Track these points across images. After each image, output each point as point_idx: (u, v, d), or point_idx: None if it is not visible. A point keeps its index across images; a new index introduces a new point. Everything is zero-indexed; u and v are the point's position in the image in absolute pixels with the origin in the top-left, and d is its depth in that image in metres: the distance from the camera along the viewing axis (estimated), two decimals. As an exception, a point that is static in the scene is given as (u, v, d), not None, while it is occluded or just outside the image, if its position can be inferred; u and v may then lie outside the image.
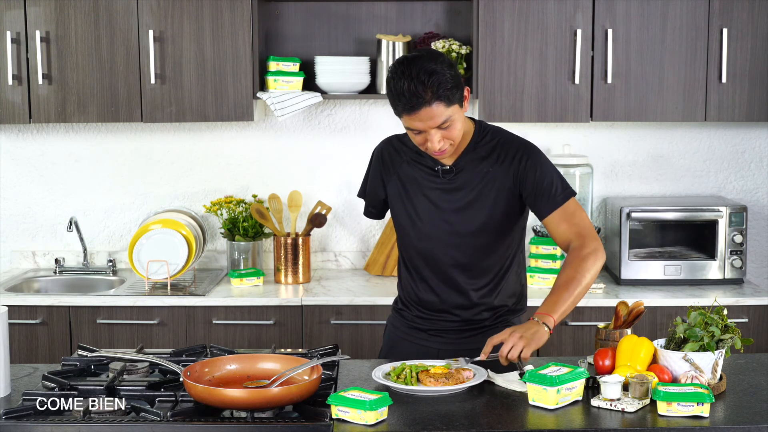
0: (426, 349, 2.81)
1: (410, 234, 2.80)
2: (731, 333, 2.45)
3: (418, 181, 2.77)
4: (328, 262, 4.39)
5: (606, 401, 2.32)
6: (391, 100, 2.58)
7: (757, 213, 4.34)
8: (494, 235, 2.75)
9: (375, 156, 2.90)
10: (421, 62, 2.54)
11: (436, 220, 2.75)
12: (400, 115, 2.58)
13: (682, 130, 4.32)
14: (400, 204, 2.81)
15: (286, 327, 3.81)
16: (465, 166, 2.73)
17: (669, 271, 3.97)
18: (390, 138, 2.90)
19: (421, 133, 2.60)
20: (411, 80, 2.51)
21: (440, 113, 2.55)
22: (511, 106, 3.94)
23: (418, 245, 2.80)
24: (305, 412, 2.27)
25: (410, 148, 2.80)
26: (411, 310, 2.88)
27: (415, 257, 2.82)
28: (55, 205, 4.40)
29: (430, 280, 2.81)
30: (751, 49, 3.91)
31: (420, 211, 2.77)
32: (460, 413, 2.29)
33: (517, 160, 2.70)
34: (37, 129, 4.35)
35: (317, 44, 4.25)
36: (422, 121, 2.55)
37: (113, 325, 3.82)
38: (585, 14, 3.90)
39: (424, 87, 2.50)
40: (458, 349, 2.78)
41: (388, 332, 2.98)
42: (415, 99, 2.51)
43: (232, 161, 4.36)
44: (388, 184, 2.84)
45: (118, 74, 3.95)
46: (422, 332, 2.86)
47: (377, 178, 2.88)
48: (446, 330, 2.83)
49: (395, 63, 2.59)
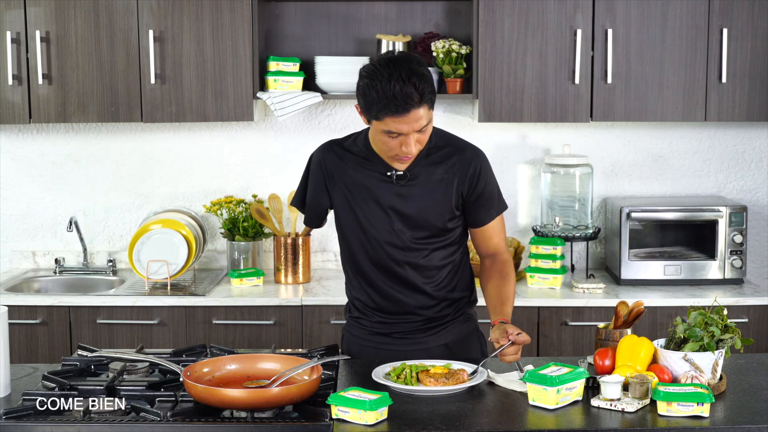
0: (392, 353, 2.77)
1: (361, 240, 2.76)
2: (731, 333, 2.45)
3: (367, 186, 2.72)
4: (328, 262, 4.39)
5: (606, 401, 2.32)
6: (374, 102, 2.51)
7: (757, 213, 4.34)
8: (444, 235, 2.76)
9: (314, 164, 2.80)
10: (408, 64, 2.52)
11: (389, 226, 2.72)
12: (382, 117, 2.52)
13: (682, 130, 4.32)
14: (348, 211, 2.76)
15: (286, 327, 3.81)
16: (419, 171, 2.70)
17: (669, 271, 3.97)
18: (329, 144, 2.81)
19: (398, 137, 2.56)
20: (403, 82, 2.48)
21: (425, 116, 2.54)
22: (511, 106, 3.94)
23: (370, 252, 2.76)
24: (305, 412, 2.27)
25: (354, 153, 2.74)
26: (370, 317, 2.84)
27: (368, 264, 2.78)
28: (55, 205, 4.40)
29: (387, 285, 2.77)
30: (751, 49, 3.91)
31: (371, 217, 2.73)
32: (460, 413, 2.29)
33: (472, 168, 2.72)
34: (37, 129, 4.35)
35: (317, 44, 4.25)
36: (408, 124, 2.52)
37: (113, 325, 3.82)
38: (585, 14, 3.90)
39: (415, 89, 2.49)
40: (425, 347, 2.79)
41: (346, 342, 2.93)
42: (408, 101, 2.49)
43: (232, 161, 4.36)
44: (333, 192, 2.77)
45: (118, 74, 3.95)
46: (385, 336, 2.83)
47: (319, 186, 2.80)
48: (411, 331, 2.81)
49: (377, 65, 2.53)
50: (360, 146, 2.75)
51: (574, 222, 4.12)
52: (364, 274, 2.80)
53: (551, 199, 4.14)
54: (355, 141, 2.78)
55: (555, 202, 4.14)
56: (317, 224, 2.92)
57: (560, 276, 3.92)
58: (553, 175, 4.13)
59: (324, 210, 2.86)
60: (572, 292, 3.85)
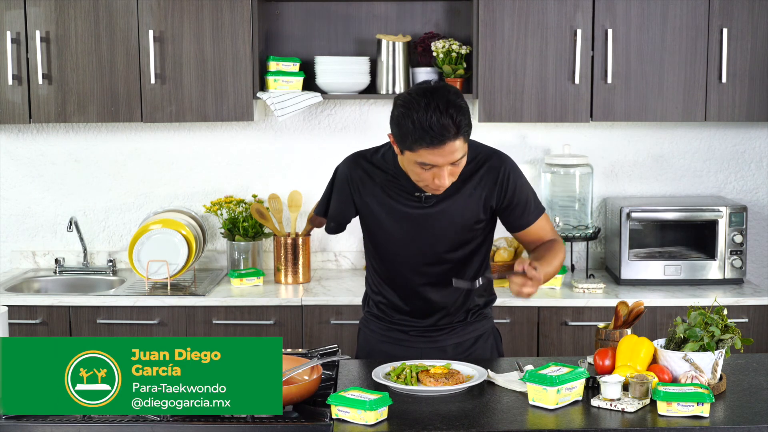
0: (408, 350, 2.80)
1: (386, 253, 2.77)
2: (731, 333, 2.45)
3: (394, 205, 2.70)
4: (328, 262, 4.39)
5: (606, 401, 2.32)
6: (410, 133, 2.45)
7: (757, 213, 4.34)
8: (474, 246, 2.76)
9: (340, 177, 2.78)
10: (446, 95, 2.46)
11: (414, 243, 2.72)
12: (416, 148, 2.46)
13: (682, 130, 4.32)
14: (376, 226, 2.75)
15: (286, 327, 3.81)
16: (448, 190, 2.65)
17: (669, 271, 3.97)
18: (355, 158, 2.78)
19: (431, 169, 2.51)
20: (441, 114, 2.42)
21: (460, 149, 2.48)
22: (511, 106, 3.94)
23: (395, 264, 2.77)
24: (305, 412, 2.27)
25: (383, 170, 2.72)
26: (391, 316, 2.86)
27: (391, 273, 2.79)
28: (55, 205, 4.40)
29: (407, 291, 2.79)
30: (751, 49, 3.91)
31: (397, 234, 2.72)
32: (460, 413, 2.29)
33: (501, 176, 2.69)
34: (37, 129, 4.35)
35: (317, 44, 4.25)
36: (443, 156, 2.47)
37: (113, 325, 3.82)
38: (585, 14, 3.90)
39: (453, 121, 2.43)
40: (441, 345, 2.81)
41: (363, 335, 2.95)
42: (445, 132, 2.43)
43: (232, 161, 4.36)
44: (361, 207, 2.76)
45: (118, 74, 3.95)
46: (404, 334, 2.85)
47: (345, 199, 2.78)
48: (429, 330, 2.83)
49: (414, 94, 2.47)
50: (389, 163, 2.71)
51: (574, 222, 4.12)
52: (387, 279, 2.81)
53: (551, 199, 4.14)
54: (383, 157, 2.73)
55: (555, 202, 4.14)
56: (336, 232, 2.92)
57: (560, 276, 3.92)
58: (553, 175, 4.13)
59: (347, 220, 2.86)
60: (572, 292, 3.85)
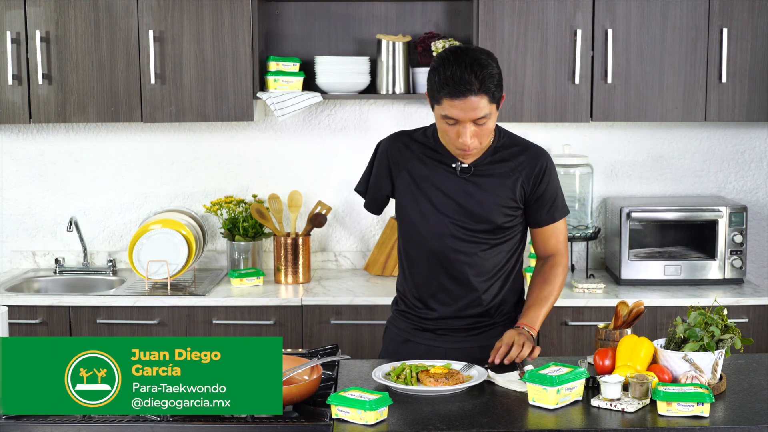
0: (433, 349, 2.81)
1: (420, 230, 2.79)
2: (731, 333, 2.45)
3: (430, 177, 2.76)
4: (328, 262, 4.39)
5: (606, 401, 2.32)
6: (436, 84, 2.58)
7: (757, 213, 4.34)
8: (505, 233, 2.79)
9: (381, 150, 2.87)
10: (475, 54, 2.58)
11: (450, 217, 2.75)
12: (440, 100, 2.58)
13: (682, 130, 4.32)
14: (411, 200, 2.80)
15: (286, 327, 3.81)
16: (485, 166, 2.74)
17: (669, 271, 3.97)
18: (398, 133, 2.88)
19: (455, 125, 2.60)
20: (464, 68, 2.54)
21: (482, 106, 2.57)
22: (511, 106, 3.94)
23: (429, 242, 2.78)
24: (305, 412, 2.27)
25: (422, 144, 2.79)
26: (417, 311, 2.86)
27: (423, 255, 2.81)
28: (55, 205, 4.40)
29: (439, 279, 2.80)
30: (751, 49, 3.91)
31: (433, 207, 2.76)
32: (460, 413, 2.29)
33: (538, 167, 2.76)
34: (37, 129, 4.35)
35: (317, 44, 4.25)
36: (463, 111, 2.57)
37: (113, 325, 3.82)
38: (585, 14, 3.90)
39: (475, 76, 2.54)
40: (466, 347, 2.81)
41: (389, 334, 2.96)
42: (463, 85, 2.54)
43: (232, 161, 4.36)
44: (397, 179, 2.82)
45: (118, 74, 3.95)
46: (429, 332, 2.85)
47: (384, 172, 2.85)
48: (455, 329, 2.83)
49: (446, 50, 2.62)
50: (429, 137, 2.80)
51: (574, 222, 4.12)
52: (419, 265, 2.82)
53: (551, 199, 4.14)
54: (424, 132, 2.83)
55: (555, 202, 4.14)
56: (376, 211, 2.95)
57: (560, 276, 3.92)
58: (553, 175, 4.13)
59: (384, 197, 2.90)
60: (572, 292, 3.86)
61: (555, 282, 2.84)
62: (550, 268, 2.86)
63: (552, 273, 2.85)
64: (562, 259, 2.87)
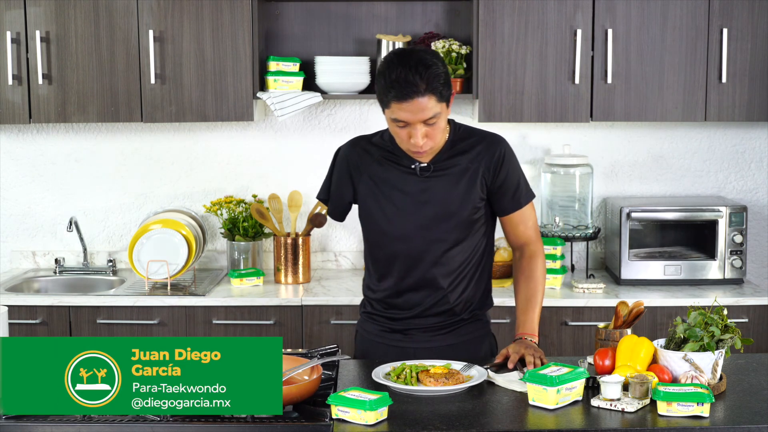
0: (402, 350, 2.80)
1: (385, 233, 2.78)
2: (731, 333, 2.45)
3: (391, 180, 2.76)
4: (328, 262, 4.39)
5: (606, 401, 2.32)
6: (382, 88, 2.57)
7: (757, 213, 4.34)
8: (469, 229, 2.77)
9: (341, 157, 2.86)
10: (419, 55, 2.57)
11: (413, 218, 2.74)
12: (388, 104, 2.57)
13: (682, 130, 4.32)
14: (373, 203, 2.78)
15: (286, 327, 3.81)
16: (444, 163, 2.74)
17: (669, 271, 3.97)
18: (356, 139, 2.88)
19: (406, 127, 2.60)
20: (408, 70, 2.53)
21: (430, 107, 2.56)
22: (511, 106, 3.94)
23: (394, 244, 2.77)
24: (305, 412, 2.27)
25: (380, 147, 2.79)
26: (385, 313, 2.85)
27: (389, 258, 2.80)
28: (55, 205, 4.40)
29: (406, 280, 2.79)
30: (751, 49, 3.91)
31: (396, 209, 2.75)
32: (460, 413, 2.29)
33: (496, 156, 2.75)
34: (37, 129, 4.35)
35: (317, 44, 4.25)
36: (412, 113, 2.56)
37: (113, 325, 3.82)
38: (585, 14, 3.90)
39: (420, 77, 2.53)
40: (434, 346, 2.80)
41: (359, 337, 2.95)
42: (409, 87, 2.53)
43: (232, 161, 4.36)
44: (359, 185, 2.81)
45: (118, 74, 3.95)
46: (398, 333, 2.84)
47: (344, 179, 2.84)
48: (423, 328, 2.82)
49: (390, 54, 2.62)
50: (386, 140, 2.80)
51: (574, 222, 4.12)
52: (384, 268, 2.81)
53: (551, 199, 4.15)
54: (382, 136, 2.84)
55: (555, 202, 4.14)
56: (339, 217, 2.95)
57: (560, 276, 3.92)
58: (553, 175, 4.13)
59: (347, 203, 2.89)
60: (572, 292, 3.85)
61: (536, 275, 2.82)
62: (528, 261, 2.83)
63: (530, 266, 2.83)
64: (536, 247, 2.85)
